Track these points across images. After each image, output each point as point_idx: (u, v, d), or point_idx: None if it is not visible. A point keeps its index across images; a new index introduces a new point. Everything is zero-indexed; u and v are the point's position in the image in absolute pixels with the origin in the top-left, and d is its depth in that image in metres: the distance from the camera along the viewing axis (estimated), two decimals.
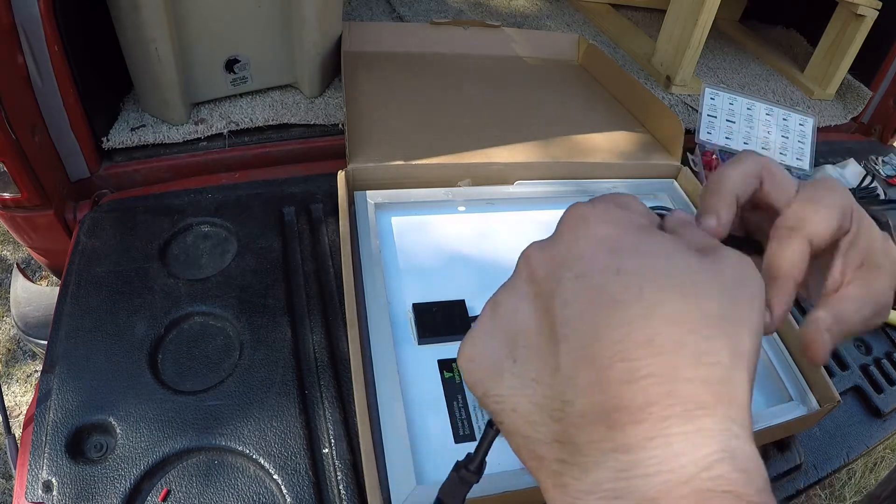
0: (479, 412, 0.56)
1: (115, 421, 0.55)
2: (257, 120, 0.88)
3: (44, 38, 0.68)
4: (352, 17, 1.19)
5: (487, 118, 0.90)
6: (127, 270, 0.68)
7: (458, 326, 0.63)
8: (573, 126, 0.93)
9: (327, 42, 0.91)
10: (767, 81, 1.38)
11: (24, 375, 1.42)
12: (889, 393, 0.76)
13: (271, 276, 0.69)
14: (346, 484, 0.54)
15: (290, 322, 0.65)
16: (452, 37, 1.07)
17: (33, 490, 0.50)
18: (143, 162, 0.84)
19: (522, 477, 0.50)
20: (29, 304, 0.82)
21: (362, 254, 0.66)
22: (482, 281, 0.68)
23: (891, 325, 0.85)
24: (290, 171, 0.85)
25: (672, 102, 1.20)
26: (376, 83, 0.92)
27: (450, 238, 0.74)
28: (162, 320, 0.63)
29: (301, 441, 0.56)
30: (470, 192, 0.78)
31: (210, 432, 0.55)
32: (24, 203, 0.73)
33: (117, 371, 0.59)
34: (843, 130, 1.36)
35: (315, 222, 0.77)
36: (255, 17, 0.83)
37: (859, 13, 1.21)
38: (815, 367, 0.28)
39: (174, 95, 0.82)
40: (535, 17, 1.40)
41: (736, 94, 1.06)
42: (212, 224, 0.75)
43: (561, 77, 1.09)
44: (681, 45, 1.18)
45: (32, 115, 0.70)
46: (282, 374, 0.60)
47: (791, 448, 0.66)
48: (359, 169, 0.74)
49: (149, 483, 0.52)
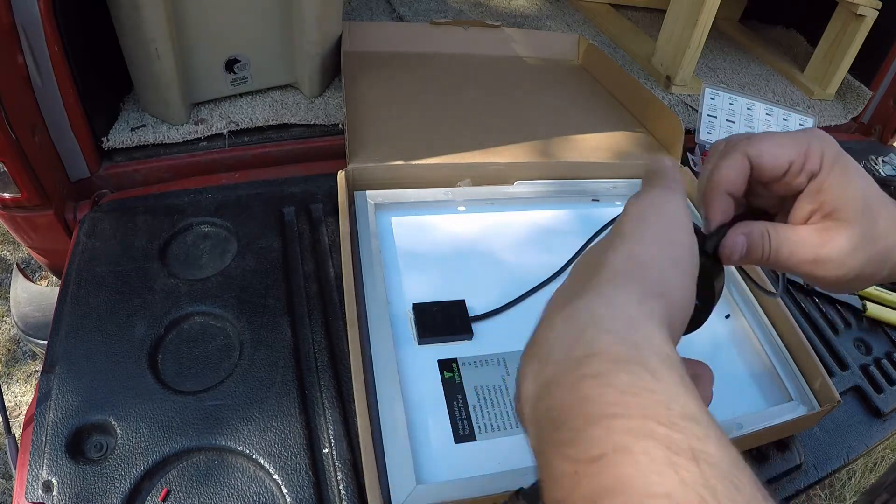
0: (478, 412, 0.56)
1: (115, 421, 0.55)
2: (257, 120, 0.88)
3: (44, 38, 0.68)
4: (352, 17, 1.19)
5: (487, 118, 0.90)
6: (127, 270, 0.68)
7: (458, 326, 0.63)
8: (573, 126, 0.93)
9: (327, 42, 0.91)
10: (767, 81, 1.38)
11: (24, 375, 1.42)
12: (889, 393, 0.76)
13: (271, 276, 0.69)
14: (346, 484, 0.54)
15: (290, 322, 0.65)
16: (452, 37, 1.07)
17: (33, 490, 0.50)
18: (143, 162, 0.84)
19: (523, 477, 0.50)
20: (29, 304, 0.82)
21: (362, 254, 0.66)
22: (482, 281, 0.68)
23: (891, 324, 0.85)
24: (290, 171, 0.85)
25: (672, 102, 1.20)
26: (376, 83, 0.92)
27: (450, 238, 0.74)
28: (162, 320, 0.63)
29: (301, 441, 0.56)
30: (470, 192, 0.78)
31: (210, 432, 0.55)
32: (24, 203, 0.73)
33: (117, 371, 0.59)
34: (843, 130, 1.36)
35: (315, 222, 0.77)
36: (255, 17, 0.83)
37: (859, 13, 1.21)
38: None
39: (174, 95, 0.82)
40: (535, 17, 1.40)
41: (736, 94, 1.06)
42: (212, 224, 0.75)
43: (561, 77, 1.09)
44: (681, 45, 1.18)
45: (32, 115, 0.70)
46: (282, 374, 0.60)
47: (791, 448, 0.66)
48: (359, 169, 0.74)
49: (149, 483, 0.52)
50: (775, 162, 0.34)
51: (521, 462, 0.52)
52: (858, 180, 0.33)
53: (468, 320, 0.63)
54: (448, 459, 0.52)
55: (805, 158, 0.33)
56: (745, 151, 0.34)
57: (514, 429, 0.56)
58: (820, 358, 0.66)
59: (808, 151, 0.33)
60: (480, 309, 0.65)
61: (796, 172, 0.34)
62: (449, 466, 0.52)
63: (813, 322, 0.82)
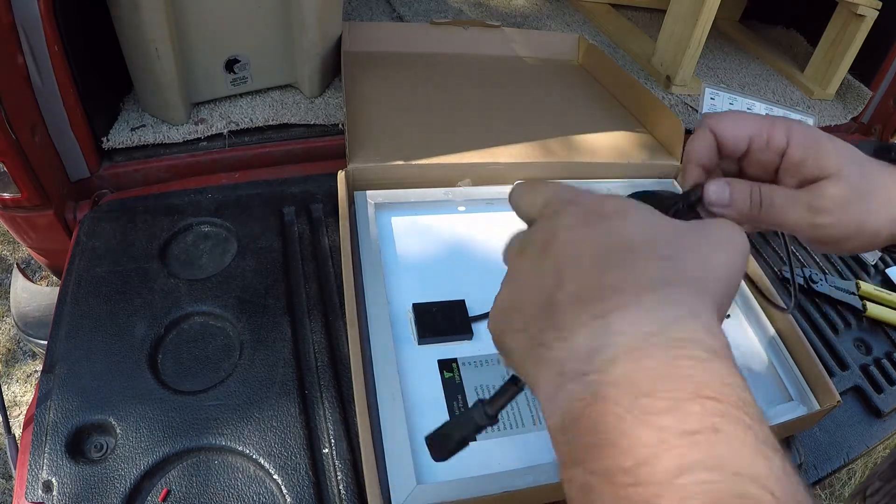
0: None
1: (115, 421, 0.55)
2: (257, 120, 0.88)
3: (44, 38, 0.68)
4: (352, 17, 1.19)
5: (487, 118, 0.90)
6: (127, 270, 0.68)
7: (458, 326, 0.63)
8: (573, 126, 0.93)
9: (327, 42, 0.91)
10: (767, 81, 1.38)
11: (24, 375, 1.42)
12: (889, 393, 0.76)
13: (271, 276, 0.69)
14: (346, 484, 0.54)
15: (290, 322, 0.65)
16: (452, 37, 1.07)
17: (33, 490, 0.50)
18: (143, 162, 0.84)
19: (523, 477, 0.50)
20: (29, 304, 0.82)
21: (362, 254, 0.66)
22: (482, 281, 0.68)
23: (891, 324, 0.85)
24: (290, 171, 0.85)
25: (672, 102, 1.20)
26: (376, 83, 0.92)
27: (450, 238, 0.74)
28: (162, 320, 0.63)
29: (301, 441, 0.56)
30: (470, 192, 0.78)
31: (210, 432, 0.55)
32: (24, 203, 0.73)
33: (117, 371, 0.59)
34: (843, 130, 1.36)
35: (315, 222, 0.77)
36: (255, 17, 0.83)
37: (859, 13, 1.21)
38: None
39: (174, 95, 0.82)
40: (535, 17, 1.40)
41: (736, 94, 1.06)
42: (212, 224, 0.75)
43: (561, 77, 1.09)
44: (681, 45, 1.18)
45: (32, 115, 0.70)
46: (282, 374, 0.60)
47: (791, 448, 0.66)
48: (359, 169, 0.74)
49: (149, 483, 0.52)
50: (735, 136, 0.37)
51: (522, 462, 0.52)
52: (834, 146, 0.36)
53: (468, 320, 0.63)
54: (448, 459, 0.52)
55: (769, 135, 0.36)
56: (710, 126, 0.37)
57: (515, 429, 0.56)
58: (820, 358, 0.66)
59: (772, 130, 0.36)
60: (480, 309, 0.65)
61: (761, 148, 0.37)
62: (449, 466, 0.52)
63: (813, 322, 0.82)
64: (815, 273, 0.88)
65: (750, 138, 0.37)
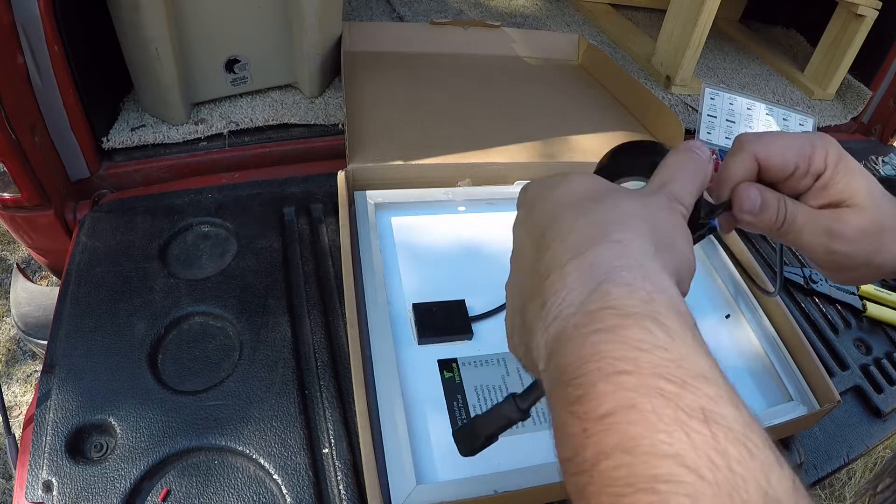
0: (479, 412, 0.56)
1: (115, 421, 0.55)
2: (257, 120, 0.88)
3: (44, 38, 0.68)
4: (352, 17, 1.19)
5: (487, 118, 0.90)
6: (127, 270, 0.68)
7: (458, 326, 0.63)
8: (573, 126, 0.93)
9: (327, 42, 0.91)
10: (767, 81, 1.38)
11: (24, 375, 1.42)
12: (889, 393, 0.76)
13: (271, 276, 0.69)
14: (346, 484, 0.54)
15: (290, 322, 0.65)
16: (452, 37, 1.07)
17: (33, 490, 0.50)
18: (143, 162, 0.84)
19: (523, 477, 0.50)
20: (29, 304, 0.82)
21: (362, 254, 0.66)
22: (482, 281, 0.68)
23: (891, 324, 0.85)
24: (290, 171, 0.85)
25: (672, 102, 1.20)
26: (376, 83, 0.92)
27: (450, 238, 0.74)
28: (162, 320, 0.63)
29: (301, 441, 0.56)
30: (470, 192, 0.78)
31: (210, 432, 0.55)
32: (24, 203, 0.73)
33: (117, 371, 0.59)
34: (843, 130, 1.36)
35: (315, 222, 0.77)
36: (255, 17, 0.83)
37: (859, 13, 1.21)
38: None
39: (174, 95, 0.82)
40: (535, 17, 1.40)
41: (736, 94, 1.06)
42: (212, 224, 0.75)
43: (561, 77, 1.09)
44: (681, 45, 1.18)
45: (32, 115, 0.70)
46: (282, 374, 0.60)
47: (791, 448, 0.66)
48: (359, 169, 0.74)
49: (149, 483, 0.52)
50: (784, 164, 0.35)
51: (522, 462, 0.52)
52: (862, 175, 0.36)
53: (468, 320, 0.63)
54: (448, 459, 0.52)
55: (810, 161, 0.35)
56: (754, 152, 0.36)
57: (514, 429, 0.56)
58: (820, 358, 0.66)
59: (813, 154, 0.35)
60: (480, 309, 0.65)
61: (802, 174, 0.36)
62: (449, 466, 0.52)
63: (813, 322, 0.82)
64: (816, 273, 0.88)
65: (796, 166, 0.35)
